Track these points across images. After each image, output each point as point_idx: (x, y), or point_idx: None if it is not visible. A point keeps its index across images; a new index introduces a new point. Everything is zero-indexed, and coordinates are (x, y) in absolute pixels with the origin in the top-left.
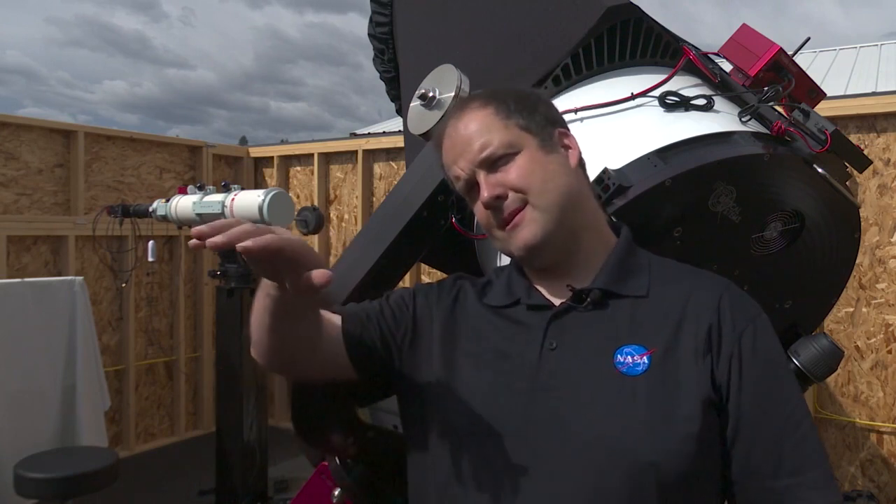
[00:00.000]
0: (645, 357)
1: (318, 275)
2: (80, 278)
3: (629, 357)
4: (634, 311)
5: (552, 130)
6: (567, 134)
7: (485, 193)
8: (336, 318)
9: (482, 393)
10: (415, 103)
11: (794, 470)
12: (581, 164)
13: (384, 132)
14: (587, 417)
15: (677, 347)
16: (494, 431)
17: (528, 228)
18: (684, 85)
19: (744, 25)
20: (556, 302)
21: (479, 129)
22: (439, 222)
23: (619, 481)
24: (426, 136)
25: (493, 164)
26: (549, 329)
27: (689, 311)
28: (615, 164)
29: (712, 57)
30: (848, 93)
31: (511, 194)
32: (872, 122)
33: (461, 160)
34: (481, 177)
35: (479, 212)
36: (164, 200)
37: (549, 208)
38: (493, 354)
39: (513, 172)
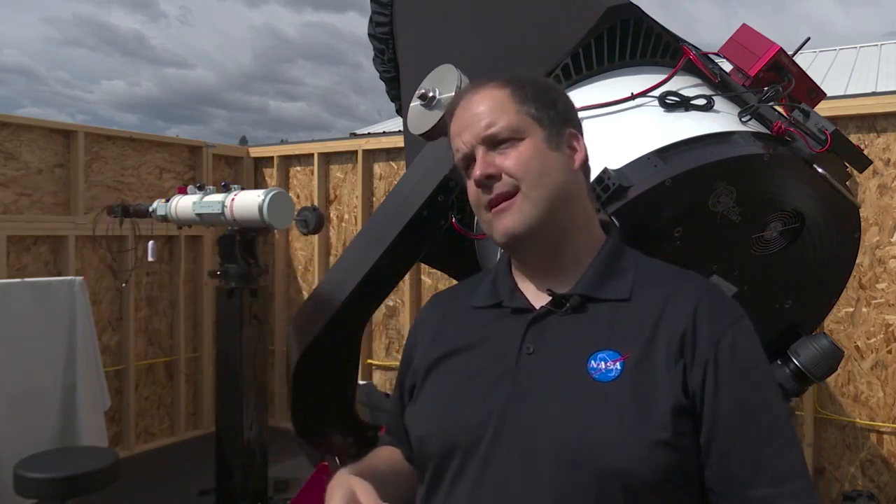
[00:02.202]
0: (618, 363)
1: None
2: (80, 278)
3: (602, 363)
4: (613, 316)
5: (563, 129)
6: (577, 136)
7: (477, 171)
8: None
9: (461, 399)
10: (415, 103)
11: (773, 479)
12: (585, 168)
13: (384, 132)
14: (558, 423)
15: (651, 353)
16: (471, 437)
17: (513, 217)
18: (684, 85)
19: (744, 25)
20: (538, 304)
21: (490, 108)
22: (439, 222)
23: (585, 487)
24: (426, 136)
25: (494, 144)
26: (527, 333)
27: (666, 315)
28: (615, 164)
29: (712, 57)
30: (848, 93)
31: (504, 178)
32: (872, 122)
33: (466, 133)
34: (479, 153)
35: (471, 188)
36: (164, 200)
37: (539, 202)
38: (477, 358)
39: (512, 157)
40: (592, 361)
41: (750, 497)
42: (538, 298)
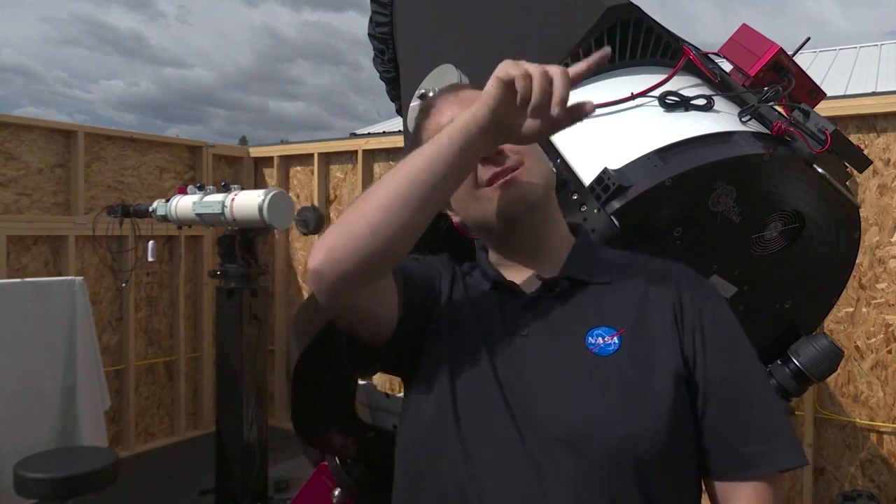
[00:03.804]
0: (615, 337)
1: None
2: (80, 278)
3: (600, 338)
4: (600, 297)
5: None
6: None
7: None
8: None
9: (464, 382)
10: (415, 103)
11: (764, 435)
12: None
13: (384, 132)
14: (562, 400)
15: (645, 326)
16: (474, 420)
17: (523, 185)
18: (684, 85)
19: (744, 25)
20: (527, 292)
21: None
22: (439, 223)
23: (596, 461)
24: None
25: None
26: (520, 317)
27: (651, 293)
28: (615, 164)
29: (712, 57)
30: (848, 93)
31: (510, 155)
32: (872, 122)
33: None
34: None
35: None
36: (164, 200)
37: (540, 178)
38: (474, 342)
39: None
40: (590, 337)
41: (744, 452)
42: (525, 288)
